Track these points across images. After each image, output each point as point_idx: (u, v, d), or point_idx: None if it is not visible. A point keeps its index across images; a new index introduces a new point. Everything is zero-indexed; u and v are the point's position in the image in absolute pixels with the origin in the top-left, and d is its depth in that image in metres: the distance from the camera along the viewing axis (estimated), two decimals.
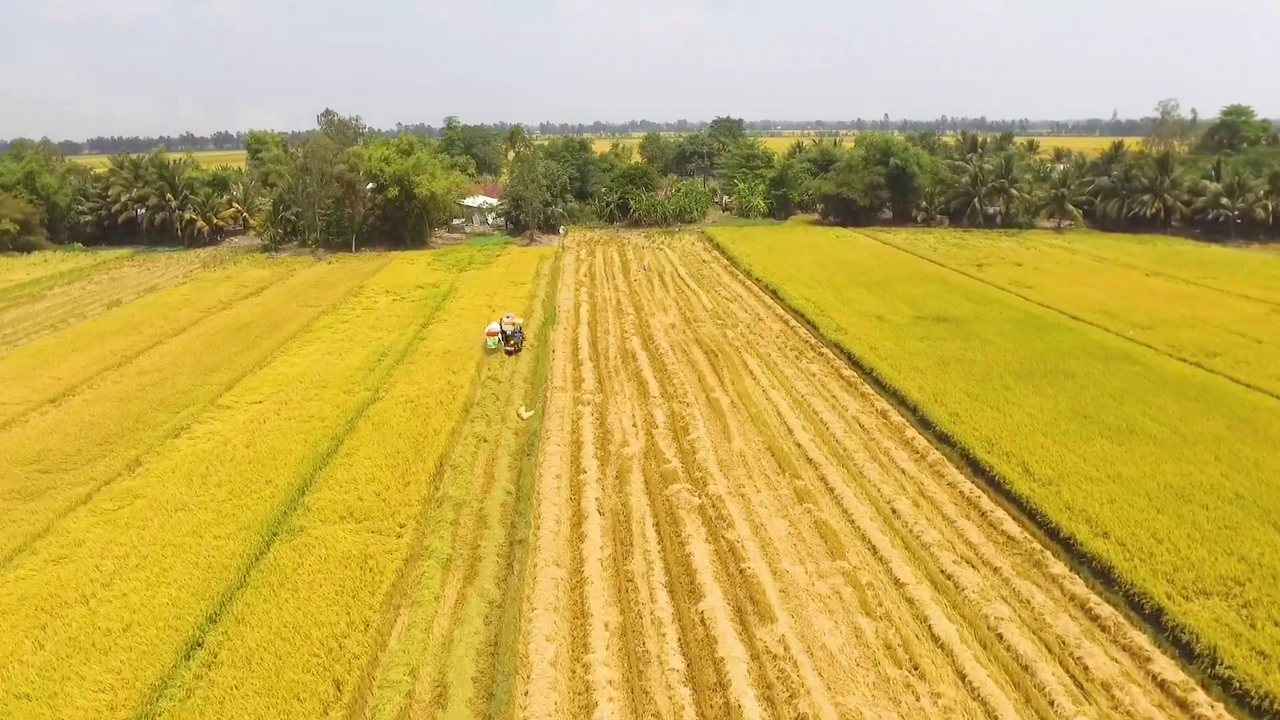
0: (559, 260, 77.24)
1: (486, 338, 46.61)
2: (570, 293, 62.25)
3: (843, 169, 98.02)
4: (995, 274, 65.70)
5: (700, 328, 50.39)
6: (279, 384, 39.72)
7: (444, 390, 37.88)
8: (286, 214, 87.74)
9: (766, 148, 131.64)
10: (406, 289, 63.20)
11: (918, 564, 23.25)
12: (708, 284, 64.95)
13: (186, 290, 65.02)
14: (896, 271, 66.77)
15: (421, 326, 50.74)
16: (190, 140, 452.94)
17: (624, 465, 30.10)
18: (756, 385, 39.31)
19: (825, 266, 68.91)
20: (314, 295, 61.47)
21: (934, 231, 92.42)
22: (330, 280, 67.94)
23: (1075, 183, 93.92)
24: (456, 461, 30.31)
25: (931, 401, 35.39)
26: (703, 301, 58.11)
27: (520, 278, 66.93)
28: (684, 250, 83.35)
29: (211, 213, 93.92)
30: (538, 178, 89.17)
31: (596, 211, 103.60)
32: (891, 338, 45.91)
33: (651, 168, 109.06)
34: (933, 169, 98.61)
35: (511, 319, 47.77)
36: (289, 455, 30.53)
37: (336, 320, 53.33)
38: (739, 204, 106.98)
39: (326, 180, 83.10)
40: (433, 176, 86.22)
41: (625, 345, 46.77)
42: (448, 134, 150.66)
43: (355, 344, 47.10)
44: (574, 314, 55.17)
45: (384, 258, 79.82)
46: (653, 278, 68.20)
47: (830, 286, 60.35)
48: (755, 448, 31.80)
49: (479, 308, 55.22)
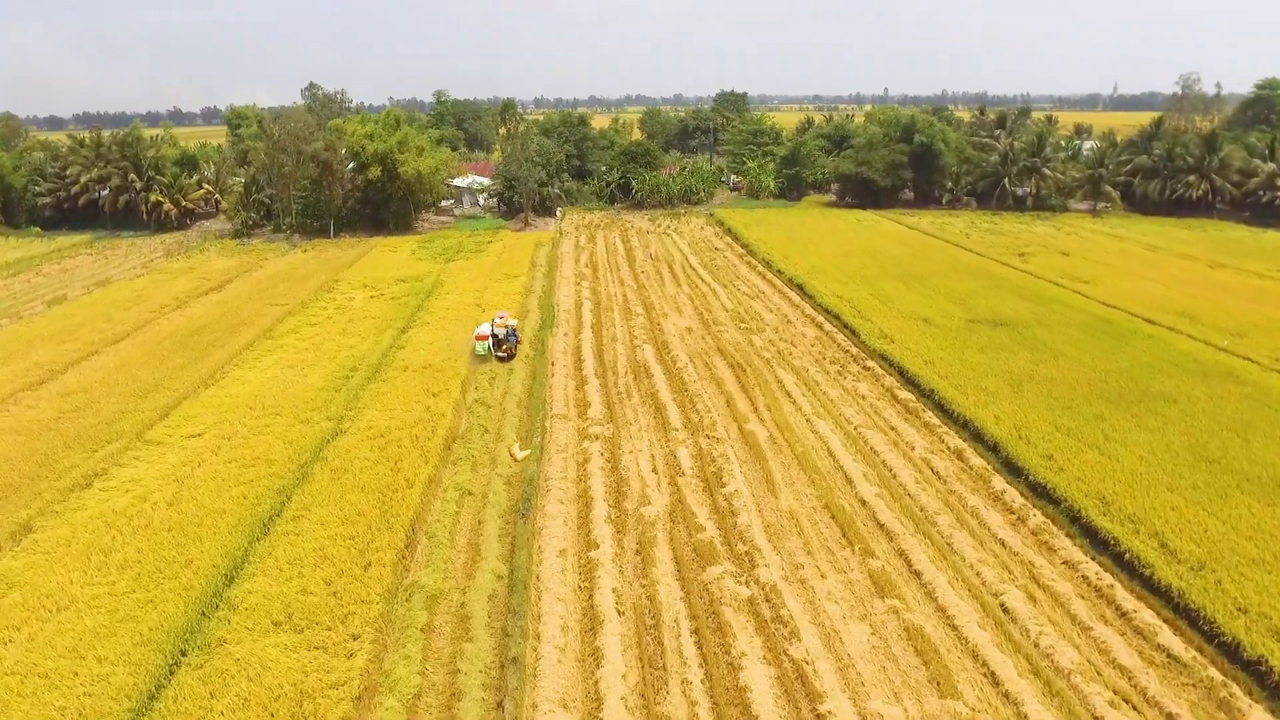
0: (556, 248, 70.41)
1: (475, 342, 40.24)
2: (570, 287, 55.56)
3: (862, 147, 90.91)
4: (1042, 265, 59.13)
5: (722, 333, 43.83)
6: (225, 410, 33.15)
7: (422, 420, 31.38)
8: (260, 196, 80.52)
9: (775, 123, 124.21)
10: (386, 283, 56.44)
11: (1060, 707, 16.91)
12: (724, 277, 58.27)
13: (142, 284, 58.15)
14: (932, 262, 60.15)
15: (400, 332, 44.08)
16: (178, 116, 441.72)
17: (646, 533, 23.70)
18: (797, 412, 32.85)
19: (852, 256, 62.24)
20: (282, 291, 54.66)
21: (961, 214, 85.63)
22: (302, 272, 61.07)
23: (1112, 162, 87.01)
24: (433, 528, 23.89)
25: (1015, 438, 29.01)
26: (721, 299, 51.46)
27: (514, 269, 60.18)
28: (693, 236, 76.51)
29: (180, 194, 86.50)
30: (532, 156, 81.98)
31: (596, 192, 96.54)
32: (946, 347, 39.45)
33: (654, 145, 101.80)
34: (958, 147, 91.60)
35: (504, 319, 41.34)
36: (221, 519, 24.05)
37: (304, 323, 46.63)
38: (749, 184, 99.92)
39: (303, 160, 75.84)
40: (421, 152, 79.09)
41: (636, 356, 40.22)
42: (437, 109, 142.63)
43: (321, 355, 40.48)
44: (575, 314, 48.54)
45: (364, 245, 72.89)
46: (661, 269, 61.49)
47: (863, 281, 53.74)
48: (809, 504, 25.41)
49: (466, 307, 48.55)
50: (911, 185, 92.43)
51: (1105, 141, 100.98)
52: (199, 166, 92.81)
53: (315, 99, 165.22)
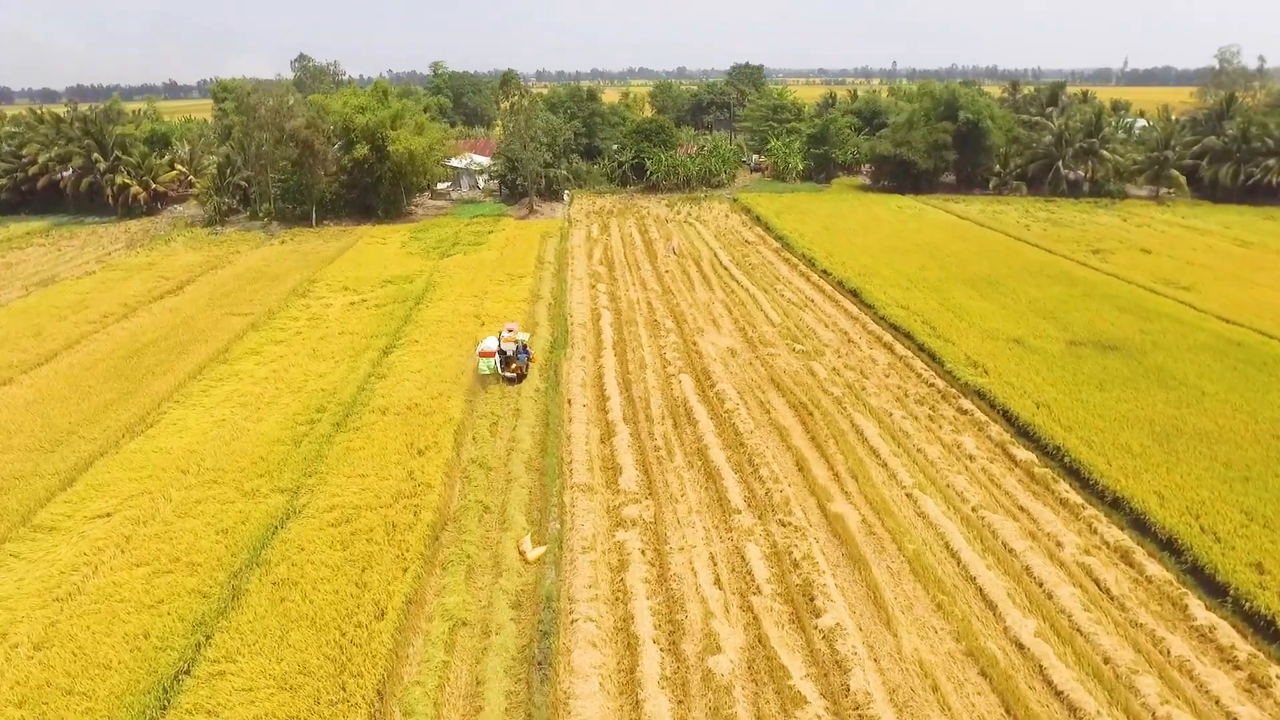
0: (566, 240, 62.49)
1: (480, 359, 33.01)
2: (585, 291, 47.78)
3: (901, 125, 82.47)
4: (1125, 265, 51.27)
5: (774, 358, 36.15)
6: (150, 473, 25.64)
7: (401, 493, 23.88)
8: (235, 179, 72.38)
9: (796, 98, 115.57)
10: (370, 285, 48.69)
11: None
12: (762, 278, 50.44)
13: (89, 285, 50.40)
14: (1000, 262, 52.29)
15: (381, 354, 36.45)
16: (173, 88, 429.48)
17: (722, 709, 16.23)
18: (892, 481, 25.30)
19: (906, 253, 54.36)
20: (248, 295, 46.89)
21: (1011, 201, 77.44)
22: (275, 270, 53.22)
23: (1178, 144, 78.70)
24: (411, 699, 16.44)
25: (1196, 530, 21.51)
26: (764, 309, 43.67)
27: (518, 266, 52.36)
28: (718, 225, 68.49)
29: (149, 176, 78.33)
30: (537, 134, 73.68)
31: (606, 173, 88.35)
32: (1054, 381, 31.83)
33: (669, 122, 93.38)
34: (1006, 126, 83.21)
35: (513, 332, 34.02)
36: (101, 683, 16.60)
37: (268, 339, 38.98)
38: (773, 165, 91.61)
39: (282, 139, 67.62)
40: (420, 130, 70.88)
41: (673, 390, 32.60)
42: (434, 81, 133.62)
43: (284, 387, 32.88)
44: (593, 328, 40.85)
45: (350, 235, 64.98)
46: (687, 266, 53.66)
47: (927, 286, 45.97)
48: (943, 650, 17.93)
49: (463, 318, 40.89)
50: (953, 167, 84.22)
51: (1160, 120, 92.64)
52: (171, 145, 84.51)
53: (306, 71, 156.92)
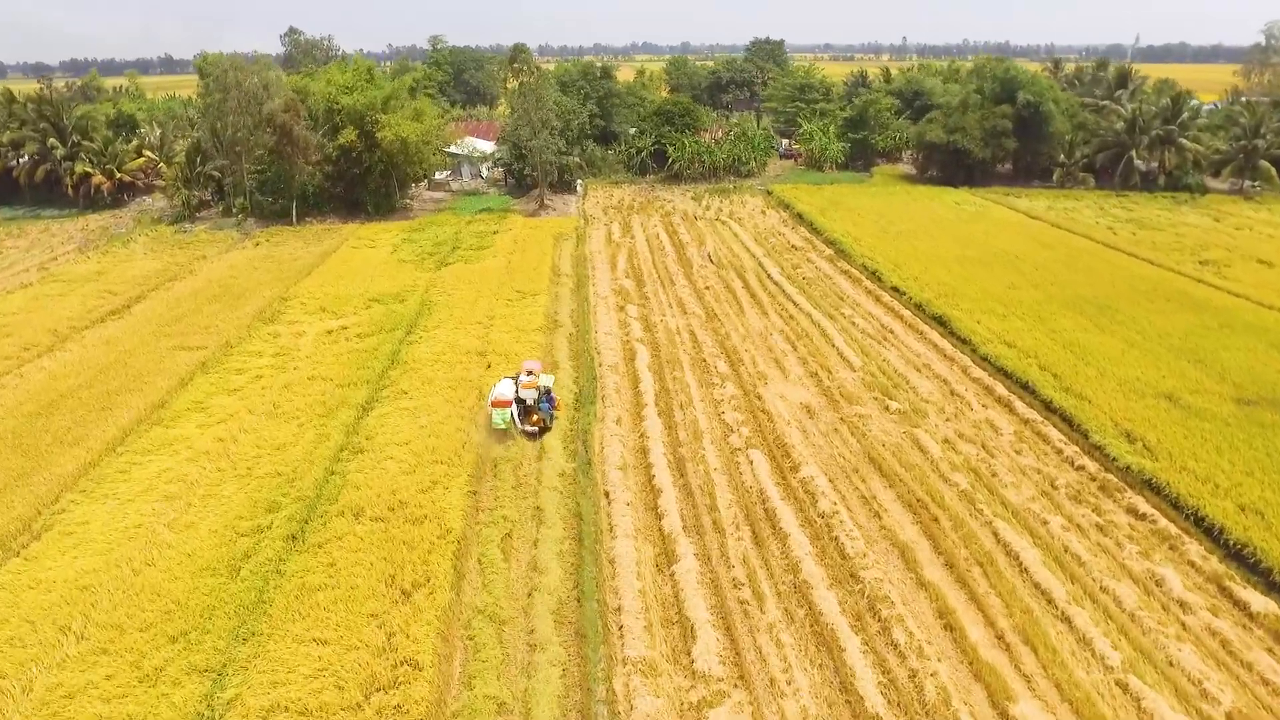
0: (583, 243, 54.25)
1: (492, 410, 25.98)
2: (612, 315, 39.68)
3: (953, 109, 73.66)
4: (1252, 284, 43.03)
5: (864, 419, 28.08)
6: (7, 637, 17.79)
7: (376, 680, 16.05)
8: (207, 169, 63.98)
9: (825, 76, 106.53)
10: (353, 304, 40.65)
11: None
12: (822, 297, 42.26)
13: (20, 301, 42.36)
14: (1100, 277, 44.08)
15: (360, 411, 28.47)
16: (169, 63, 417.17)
17: None
18: (1087, 653, 17.34)
19: (984, 264, 46.16)
20: (205, 320, 38.82)
21: (1081, 196, 68.91)
22: (243, 283, 45.06)
23: (1269, 131, 70.06)
24: None
25: None
26: (834, 342, 35.50)
27: (530, 279, 44.26)
28: (756, 225, 60.13)
29: (113, 164, 69.99)
30: (549, 118, 65.06)
31: (622, 160, 79.82)
32: (1249, 467, 23.86)
33: (692, 103, 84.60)
34: (1070, 110, 74.50)
35: (534, 374, 26.99)
36: None
37: (219, 385, 30.98)
38: (808, 152, 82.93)
39: (257, 124, 59.16)
40: (418, 114, 62.42)
41: (742, 476, 24.61)
42: (433, 56, 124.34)
43: (228, 467, 24.96)
44: (627, 372, 32.80)
45: (335, 234, 56.79)
46: (729, 279, 45.48)
47: (1025, 311, 37.89)
48: None
49: (465, 357, 32.88)
50: (1009, 156, 75.57)
51: (1234, 103, 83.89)
52: (140, 129, 76.02)
53: (296, 45, 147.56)
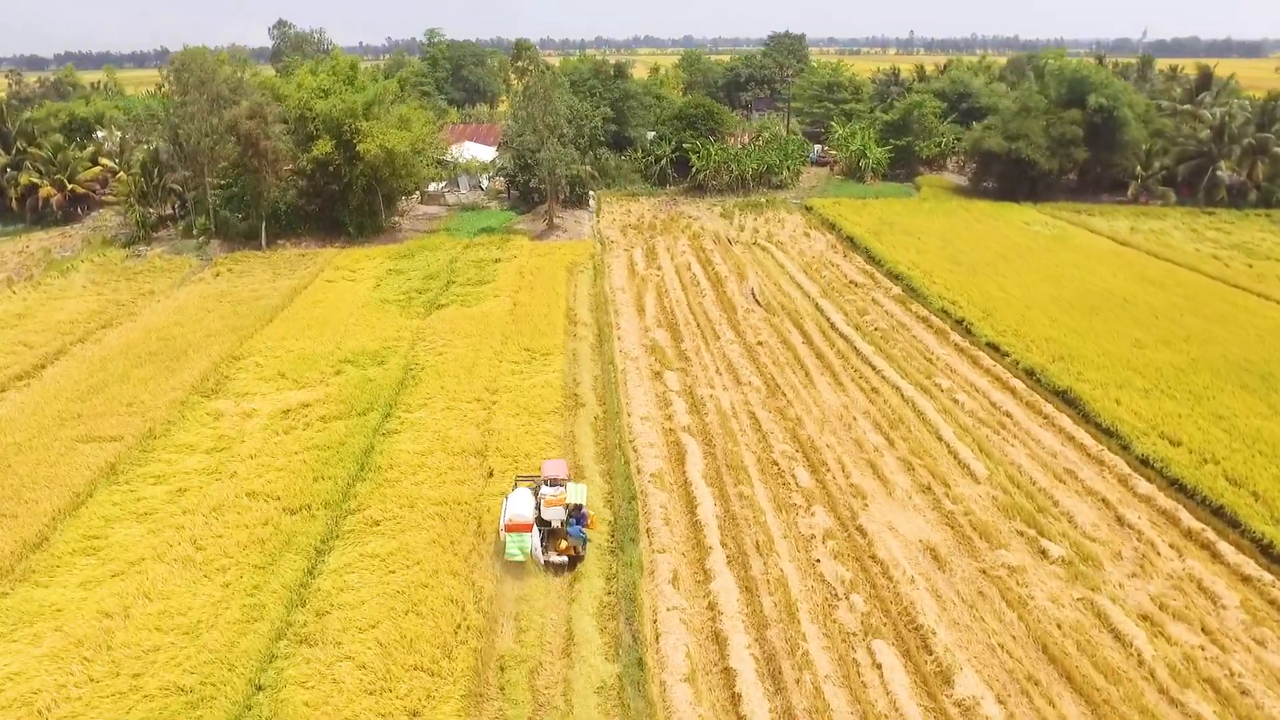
0: (601, 275, 45.90)
1: (506, 536, 19.16)
2: (646, 388, 31.32)
3: (1014, 114, 65.10)
4: None
5: (1018, 573, 19.78)
6: None
7: None
8: (168, 182, 55.57)
9: (854, 74, 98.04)
10: (321, 367, 32.38)
11: None
12: (905, 358, 33.81)
13: None
14: (1240, 328, 35.76)
15: (314, 556, 20.23)
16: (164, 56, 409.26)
17: None
18: None
19: (1094, 310, 37.83)
20: (131, 390, 30.49)
21: (1162, 213, 60.50)
22: (188, 334, 36.65)
23: None
24: None
25: None
26: (942, 436, 27.06)
27: (540, 332, 36.01)
28: (801, 250, 51.70)
29: (64, 174, 61.65)
30: (560, 125, 56.56)
31: (639, 168, 71.43)
32: None
33: (716, 105, 76.06)
34: (1146, 116, 66.07)
35: (559, 487, 20.17)
36: None
37: (125, 507, 22.71)
38: (845, 160, 74.43)
39: (220, 130, 50.74)
40: (404, 122, 54.12)
41: (867, 689, 16.43)
42: (429, 51, 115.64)
43: (107, 675, 16.76)
44: (676, 489, 24.47)
45: (309, 262, 48.46)
46: (783, 328, 37.17)
47: (1168, 381, 29.76)
48: None
49: (459, 458, 24.65)
50: (1076, 167, 67.14)
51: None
52: (96, 132, 67.67)
53: (285, 38, 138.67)
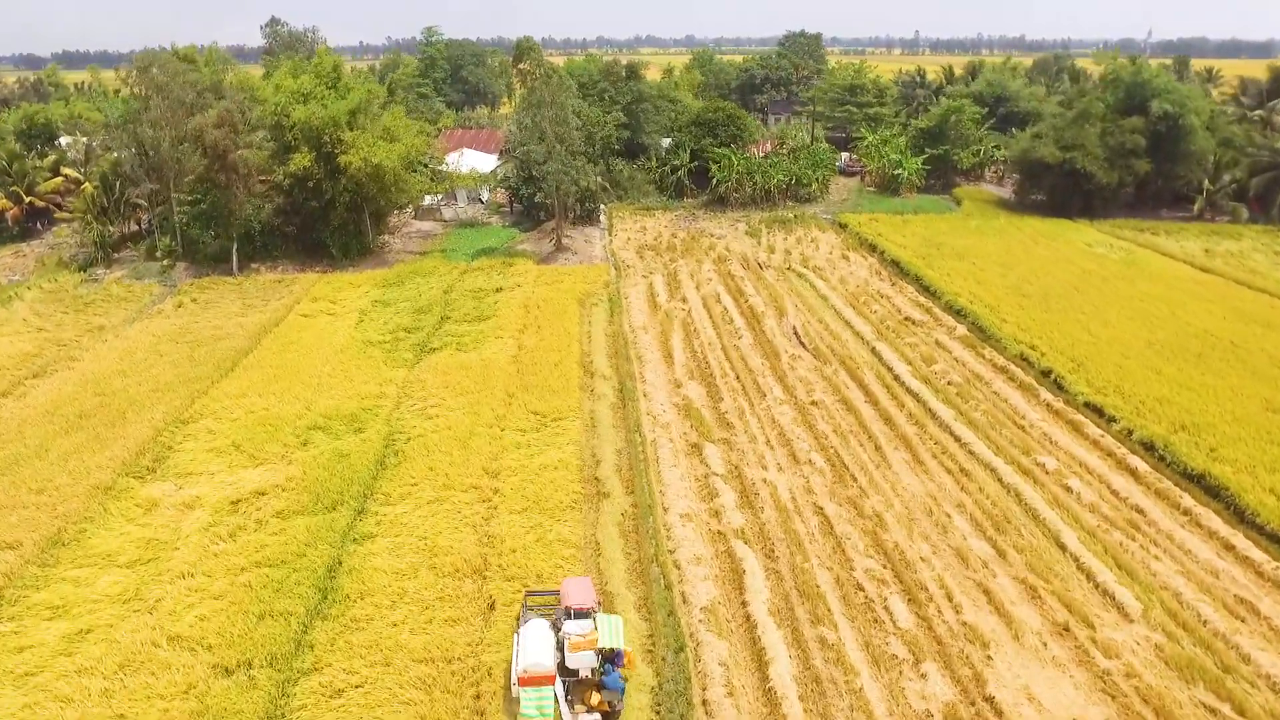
0: (620, 311, 39.96)
1: (520, 693, 12.82)
2: (683, 472, 25.35)
3: (1067, 122, 59.07)
4: None
5: None
6: None
7: None
8: (130, 197, 49.67)
9: (877, 75, 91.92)
10: (285, 436, 26.49)
11: None
12: (992, 427, 27.86)
13: None
14: None
15: None
16: None
17: None
18: None
19: (1201, 359, 31.96)
20: (47, 468, 24.59)
21: (1236, 232, 54.52)
22: (133, 387, 30.65)
23: None
24: None
25: None
26: (1066, 545, 21.21)
27: (550, 388, 30.09)
28: (841, 276, 45.74)
29: (21, 185, 55.80)
30: (570, 134, 50.53)
31: (654, 179, 65.52)
32: None
33: (738, 109, 70.06)
34: (1214, 124, 60.15)
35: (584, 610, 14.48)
36: None
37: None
38: (878, 170, 68.44)
39: (185, 140, 44.79)
40: (389, 133, 48.21)
41: None
42: (426, 50, 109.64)
43: None
44: (737, 631, 18.61)
45: (284, 290, 42.58)
46: (838, 380, 31.23)
47: None
48: None
49: (453, 579, 18.86)
50: (1135, 180, 61.02)
51: None
52: (59, 139, 61.79)
53: (277, 37, 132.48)
